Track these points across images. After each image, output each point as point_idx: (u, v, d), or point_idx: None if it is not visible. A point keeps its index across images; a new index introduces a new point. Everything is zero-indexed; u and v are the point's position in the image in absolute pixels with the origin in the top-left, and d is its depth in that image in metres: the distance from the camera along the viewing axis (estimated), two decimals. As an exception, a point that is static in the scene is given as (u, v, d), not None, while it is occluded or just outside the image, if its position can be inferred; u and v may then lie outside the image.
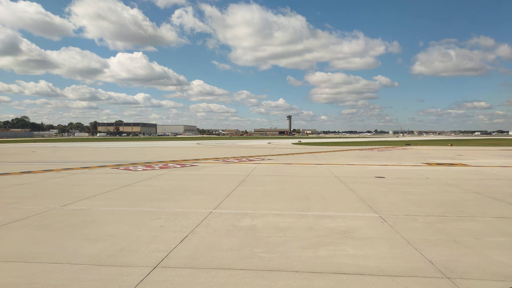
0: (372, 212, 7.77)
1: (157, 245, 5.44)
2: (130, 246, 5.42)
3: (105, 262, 4.73)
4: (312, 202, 8.86)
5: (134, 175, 14.52)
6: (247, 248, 5.29)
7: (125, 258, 4.90)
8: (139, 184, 11.92)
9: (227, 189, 10.77)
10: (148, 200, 9.05)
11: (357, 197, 9.55)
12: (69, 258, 4.87)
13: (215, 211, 7.83)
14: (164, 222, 6.88)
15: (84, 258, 4.87)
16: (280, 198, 9.42)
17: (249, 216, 7.35)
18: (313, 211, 7.81)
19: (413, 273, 4.37)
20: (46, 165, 19.18)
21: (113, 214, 7.54)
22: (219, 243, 5.54)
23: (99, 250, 5.23)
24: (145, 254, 5.07)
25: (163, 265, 4.64)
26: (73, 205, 8.46)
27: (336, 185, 11.78)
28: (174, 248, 5.29)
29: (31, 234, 6.02)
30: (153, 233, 6.10)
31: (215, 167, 17.92)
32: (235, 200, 9.06)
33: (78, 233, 6.09)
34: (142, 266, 4.60)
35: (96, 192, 10.25)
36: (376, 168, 17.46)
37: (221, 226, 6.53)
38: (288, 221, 6.92)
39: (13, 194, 9.91)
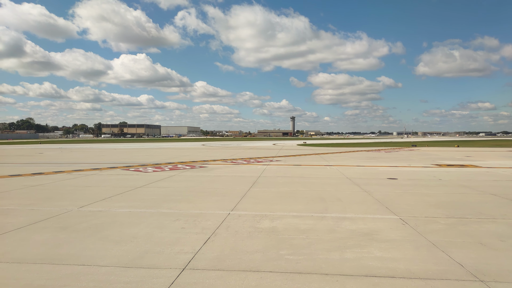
0: (391, 214, 7.71)
1: (181, 247, 5.42)
2: (154, 248, 5.40)
3: (132, 264, 4.71)
4: (328, 203, 8.81)
5: (145, 176, 14.54)
6: (272, 250, 5.26)
7: (151, 260, 4.88)
8: (152, 185, 11.93)
9: (241, 191, 10.74)
10: (164, 202, 9.04)
11: (373, 198, 9.49)
12: (96, 260, 4.86)
13: (232, 212, 7.80)
14: (184, 223, 6.87)
15: (111, 260, 4.86)
16: (296, 199, 9.38)
17: (268, 218, 7.32)
18: (331, 213, 7.76)
19: (445, 276, 4.31)
20: (56, 166, 19.26)
21: (131, 215, 7.54)
22: (243, 245, 5.51)
23: (124, 252, 5.21)
24: (171, 256, 5.05)
25: (190, 267, 4.62)
26: (90, 206, 8.47)
27: (349, 186, 11.72)
28: (199, 250, 5.27)
29: (53, 236, 6.02)
30: (175, 235, 6.08)
31: (224, 168, 17.91)
32: (251, 202, 9.03)
33: (100, 235, 6.08)
34: (170, 268, 4.58)
35: (110, 193, 10.26)
36: (386, 169, 17.37)
37: (242, 228, 6.50)
38: (308, 223, 6.88)
39: (29, 196, 9.94)
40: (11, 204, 8.76)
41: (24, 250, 5.29)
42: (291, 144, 61.01)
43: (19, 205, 8.60)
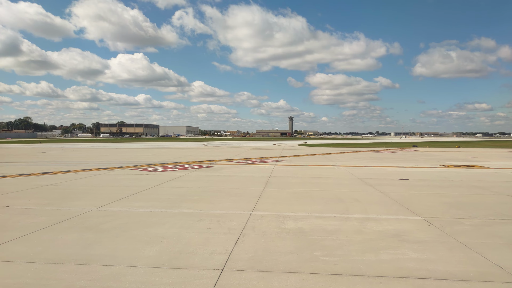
0: (413, 215, 7.70)
1: (214, 247, 5.39)
2: (186, 248, 5.37)
3: (169, 265, 4.68)
4: (348, 204, 8.80)
5: (156, 176, 14.48)
6: (306, 251, 5.24)
7: (187, 260, 4.85)
8: (165, 185, 11.88)
9: (256, 191, 10.71)
10: (182, 202, 9.00)
11: (391, 199, 9.49)
12: (131, 261, 4.83)
13: (254, 213, 7.77)
14: (208, 224, 6.83)
15: (147, 261, 4.82)
16: (313, 200, 9.36)
17: (291, 218, 7.30)
18: (353, 214, 7.75)
19: (486, 278, 4.30)
20: (62, 166, 19.17)
21: (153, 215, 7.50)
22: (275, 246, 5.49)
23: (157, 252, 5.18)
24: (205, 256, 5.02)
25: (229, 268, 4.59)
26: (109, 206, 8.42)
27: (363, 187, 11.71)
28: (233, 251, 5.24)
29: (81, 236, 5.97)
30: (203, 235, 6.05)
31: (232, 168, 17.87)
32: (269, 202, 9.00)
33: (128, 235, 6.04)
34: (209, 269, 4.55)
35: (125, 193, 10.21)
36: (395, 170, 17.39)
37: (268, 229, 6.48)
38: (333, 224, 6.86)
39: (44, 195, 9.88)
40: (28, 203, 8.70)
41: (55, 250, 5.24)
42: (291, 144, 61.02)
43: (37, 205, 8.54)
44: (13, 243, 5.55)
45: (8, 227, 6.50)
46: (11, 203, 8.67)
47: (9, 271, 4.45)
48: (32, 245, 5.46)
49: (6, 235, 6.00)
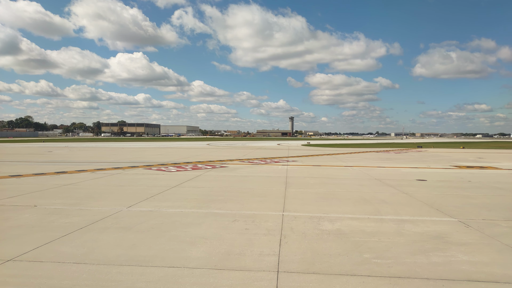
0: (446, 216, 7.66)
1: (259, 249, 5.34)
2: (232, 249, 5.32)
3: (222, 266, 4.63)
4: (376, 205, 8.75)
5: (173, 176, 14.43)
6: (354, 253, 5.19)
7: (238, 262, 4.80)
8: (185, 185, 11.83)
9: (278, 191, 10.67)
10: (210, 202, 8.96)
11: (417, 200, 9.44)
12: (182, 262, 4.78)
13: (286, 214, 7.72)
14: (244, 224, 6.79)
15: (198, 262, 4.77)
16: (340, 201, 9.31)
17: (325, 219, 7.25)
18: (385, 215, 7.70)
19: (548, 280, 4.25)
20: (74, 165, 19.12)
21: (186, 216, 7.45)
22: (321, 248, 5.44)
23: (205, 253, 5.13)
24: (255, 257, 4.97)
25: (283, 269, 4.54)
26: (137, 206, 8.37)
27: (384, 188, 11.67)
28: (280, 252, 5.19)
29: (121, 237, 5.93)
30: (244, 236, 6.00)
31: (246, 168, 17.82)
32: (296, 203, 8.96)
33: (169, 236, 5.99)
34: (263, 270, 4.50)
35: (149, 193, 10.16)
36: (409, 170, 17.34)
37: (307, 230, 6.43)
38: (370, 226, 6.81)
39: (69, 195, 9.82)
40: (55, 203, 8.64)
41: (102, 251, 5.19)
42: (295, 144, 60.96)
43: (64, 204, 8.49)
44: (57, 244, 5.50)
45: (45, 227, 6.45)
46: (38, 203, 8.63)
47: (64, 272, 4.40)
48: (76, 246, 5.41)
49: (47, 235, 5.95)
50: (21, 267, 4.55)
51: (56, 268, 4.52)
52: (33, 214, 7.46)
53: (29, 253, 5.05)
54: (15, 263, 4.67)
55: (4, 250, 5.20)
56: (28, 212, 7.67)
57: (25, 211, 7.72)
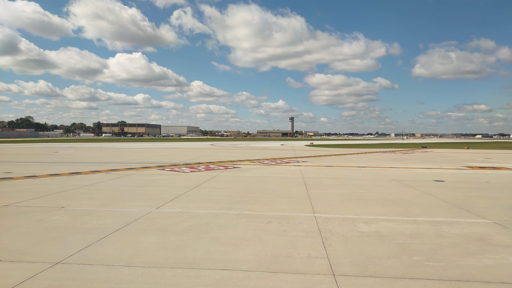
0: (479, 217, 7.60)
1: (306, 251, 5.28)
2: (277, 251, 5.26)
3: (275, 269, 4.57)
4: (404, 207, 8.70)
5: (188, 176, 14.37)
6: (403, 256, 5.13)
7: (290, 264, 4.74)
8: (205, 186, 11.76)
9: (300, 192, 10.61)
10: (236, 203, 8.89)
11: (444, 201, 9.39)
12: (234, 264, 4.71)
13: (317, 215, 7.66)
14: (280, 226, 6.72)
15: (249, 264, 4.71)
16: (367, 202, 9.25)
17: (360, 221, 7.19)
18: (417, 217, 7.65)
19: None
20: (86, 165, 19.04)
21: (217, 217, 7.38)
22: (367, 250, 5.37)
23: (252, 255, 5.06)
24: (304, 260, 4.90)
25: (338, 273, 4.48)
26: (166, 207, 8.31)
27: (405, 188, 11.61)
28: (328, 255, 5.13)
29: (161, 238, 5.86)
30: (284, 238, 5.94)
31: (259, 169, 17.75)
32: (323, 204, 8.89)
33: (209, 237, 5.93)
34: (319, 273, 4.44)
35: (172, 194, 10.09)
36: (423, 171, 17.28)
37: (346, 232, 6.37)
38: (407, 227, 6.75)
39: (92, 196, 9.75)
40: (82, 204, 8.58)
41: (148, 253, 5.13)
42: (298, 144, 60.90)
43: (91, 206, 8.42)
44: (99, 246, 5.43)
45: (80, 229, 6.38)
46: (65, 204, 8.56)
47: (118, 275, 4.33)
48: (120, 248, 5.34)
49: (85, 237, 5.88)
50: (72, 270, 4.48)
51: (108, 271, 4.45)
52: (63, 216, 7.38)
53: (75, 256, 4.98)
54: (65, 266, 4.60)
55: (48, 252, 5.13)
56: (57, 213, 7.60)
57: (54, 213, 7.65)
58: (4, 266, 4.60)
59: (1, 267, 4.54)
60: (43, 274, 4.33)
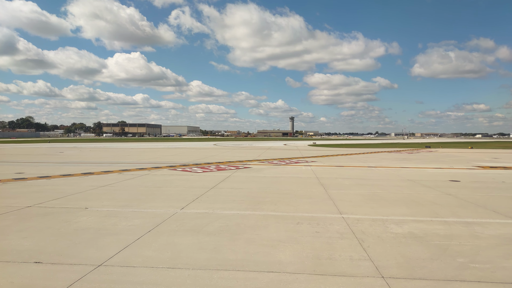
0: (509, 218, 7.54)
1: (346, 253, 5.22)
2: (319, 253, 5.20)
3: (322, 271, 4.51)
4: (429, 207, 8.64)
5: (202, 177, 14.30)
6: (447, 258, 5.07)
7: (334, 266, 4.67)
8: (222, 186, 11.70)
9: (320, 193, 10.55)
10: (258, 204, 8.83)
11: (466, 202, 9.35)
12: (279, 267, 4.66)
13: (345, 216, 7.60)
14: (311, 227, 6.67)
15: (295, 267, 4.65)
16: (389, 202, 9.19)
17: (390, 222, 7.13)
18: (446, 217, 7.59)
19: None
20: (95, 166, 18.98)
21: (245, 218, 7.32)
22: (407, 252, 5.32)
23: (294, 257, 5.00)
24: (348, 262, 4.84)
25: (388, 275, 4.42)
26: (189, 208, 8.25)
27: (423, 189, 11.55)
28: (370, 257, 5.07)
29: (197, 240, 5.80)
30: (320, 239, 5.88)
31: (270, 169, 17.69)
32: (346, 205, 8.83)
33: (244, 239, 5.87)
34: (367, 276, 4.38)
35: (191, 194, 10.03)
36: (435, 171, 17.22)
37: (380, 233, 6.31)
38: (439, 228, 6.70)
39: (112, 197, 9.69)
40: (105, 205, 8.51)
41: (188, 255, 5.07)
42: (302, 144, 60.84)
43: (115, 206, 8.36)
44: (136, 248, 5.37)
45: (112, 230, 6.32)
46: (87, 205, 8.49)
47: (166, 277, 4.27)
48: (158, 250, 5.28)
49: (119, 238, 5.81)
50: (117, 272, 4.41)
51: (153, 273, 4.38)
52: (90, 217, 7.32)
53: (115, 258, 4.91)
54: (108, 268, 4.54)
55: (87, 254, 5.07)
56: (83, 214, 7.53)
57: (79, 214, 7.58)
58: (47, 268, 4.53)
59: (45, 270, 4.48)
60: (89, 277, 4.26)
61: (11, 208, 8.11)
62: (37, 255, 4.98)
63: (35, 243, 5.54)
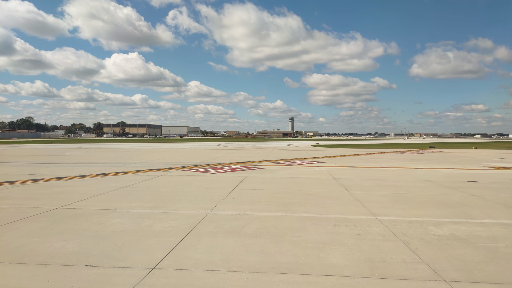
0: (544, 219, 7.46)
1: (397, 256, 5.15)
2: (370, 256, 5.13)
3: (381, 275, 4.43)
4: (459, 208, 8.59)
5: (219, 177, 14.22)
6: (500, 260, 5.01)
7: (391, 270, 4.60)
8: (242, 187, 11.61)
9: (343, 194, 10.48)
10: (287, 205, 8.76)
11: (495, 203, 9.30)
12: (335, 270, 4.58)
13: (380, 218, 7.53)
14: (349, 229, 6.59)
15: (352, 270, 4.57)
16: (417, 204, 9.12)
17: (428, 224, 7.06)
18: (481, 219, 7.54)
19: None
20: (107, 167, 18.87)
21: (279, 219, 7.25)
22: (458, 254, 5.25)
23: (347, 260, 4.93)
24: (402, 265, 4.77)
25: (449, 279, 4.35)
26: (219, 209, 8.17)
27: (446, 190, 11.49)
28: (423, 259, 4.99)
29: (240, 241, 5.72)
30: (364, 242, 5.81)
31: (283, 170, 17.61)
32: (375, 206, 8.76)
33: (287, 240, 5.80)
34: (429, 280, 4.32)
35: (215, 195, 9.96)
36: (450, 172, 17.16)
37: (422, 236, 6.23)
38: (479, 230, 6.64)
39: (137, 198, 9.60)
40: (133, 206, 8.43)
41: (238, 257, 5.00)
42: (305, 145, 60.76)
43: (144, 208, 8.27)
44: (183, 250, 5.29)
45: (150, 233, 6.23)
46: (116, 207, 8.41)
47: (226, 281, 4.19)
48: (205, 252, 5.20)
49: (161, 241, 5.73)
50: (175, 275, 4.33)
51: (212, 276, 4.30)
52: (123, 218, 7.23)
53: (166, 261, 4.83)
54: (163, 272, 4.45)
55: (136, 257, 4.98)
56: (114, 216, 7.45)
57: (110, 216, 7.50)
58: (100, 272, 4.45)
59: (99, 273, 4.39)
60: (147, 280, 4.18)
61: (39, 209, 8.01)
62: (85, 258, 4.89)
63: (78, 246, 5.45)
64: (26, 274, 4.34)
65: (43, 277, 4.25)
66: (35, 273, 4.37)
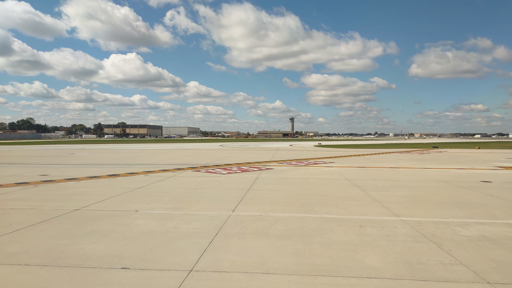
0: None
1: (433, 257, 5.09)
2: (406, 258, 5.08)
3: (422, 277, 4.39)
4: (481, 209, 8.55)
5: (231, 178, 14.17)
6: (537, 261, 4.93)
7: (431, 272, 4.55)
8: (257, 188, 11.56)
9: (360, 194, 10.44)
10: (307, 206, 8.71)
11: (515, 203, 9.22)
12: (373, 272, 4.53)
13: (404, 219, 7.49)
14: (376, 230, 6.55)
15: (392, 272, 4.53)
16: (438, 204, 9.07)
17: (454, 225, 7.01)
18: (507, 219, 7.53)
19: None
20: (116, 168, 18.82)
21: (303, 220, 7.20)
22: (494, 256, 5.20)
23: (384, 262, 4.88)
24: (441, 267, 4.72)
25: (494, 281, 4.30)
26: (240, 210, 8.12)
27: (462, 190, 11.44)
28: (460, 261, 4.94)
29: (270, 243, 5.67)
30: (395, 243, 5.77)
31: (293, 170, 17.56)
32: (396, 207, 8.72)
33: (317, 242, 5.75)
34: (473, 282, 4.28)
35: (232, 196, 9.91)
36: (460, 172, 17.11)
37: (453, 237, 6.19)
38: (508, 231, 6.62)
39: (155, 199, 9.55)
40: (153, 207, 8.38)
41: (272, 259, 4.95)
42: (307, 145, 60.71)
43: (165, 209, 8.23)
44: (216, 252, 5.24)
45: (177, 234, 6.19)
46: (136, 208, 8.36)
47: (268, 284, 4.14)
48: (238, 254, 5.16)
49: (191, 242, 5.67)
50: (215, 278, 4.28)
51: (252, 279, 4.25)
52: (147, 220, 7.18)
53: (201, 263, 4.77)
54: (202, 274, 4.40)
55: (171, 259, 4.93)
56: (137, 217, 7.40)
57: (133, 217, 7.44)
58: (138, 274, 4.39)
59: (138, 276, 4.33)
60: (189, 283, 4.13)
61: (59, 211, 7.96)
62: (119, 261, 4.83)
63: (108, 248, 5.40)
64: (64, 277, 4.28)
65: (81, 280, 4.19)
66: (73, 276, 4.31)
